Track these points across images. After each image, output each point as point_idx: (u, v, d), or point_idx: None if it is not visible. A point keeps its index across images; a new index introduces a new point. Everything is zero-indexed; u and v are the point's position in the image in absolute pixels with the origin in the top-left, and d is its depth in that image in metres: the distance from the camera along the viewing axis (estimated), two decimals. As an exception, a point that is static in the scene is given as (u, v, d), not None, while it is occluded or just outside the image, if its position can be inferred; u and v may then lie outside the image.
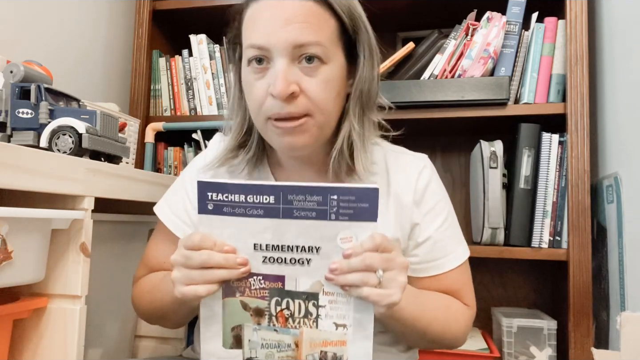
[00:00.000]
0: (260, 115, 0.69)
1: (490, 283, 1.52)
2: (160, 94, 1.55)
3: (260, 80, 0.68)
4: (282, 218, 0.57)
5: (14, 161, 0.62)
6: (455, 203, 1.54)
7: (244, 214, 0.58)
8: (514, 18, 1.29)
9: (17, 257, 0.65)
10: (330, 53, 0.68)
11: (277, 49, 0.65)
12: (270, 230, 0.58)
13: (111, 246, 1.02)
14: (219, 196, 0.58)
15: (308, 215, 0.57)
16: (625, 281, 1.06)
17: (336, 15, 0.69)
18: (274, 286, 0.60)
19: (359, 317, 0.59)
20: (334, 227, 0.57)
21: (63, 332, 0.72)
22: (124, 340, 1.10)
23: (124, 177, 0.85)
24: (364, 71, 0.72)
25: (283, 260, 0.59)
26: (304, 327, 0.60)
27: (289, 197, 0.57)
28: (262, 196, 0.57)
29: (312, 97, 0.67)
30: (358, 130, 0.72)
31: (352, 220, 0.57)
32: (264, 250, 0.59)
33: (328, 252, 0.58)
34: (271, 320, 0.60)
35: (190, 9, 1.50)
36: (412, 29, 1.54)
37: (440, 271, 0.76)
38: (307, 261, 0.58)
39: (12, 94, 0.82)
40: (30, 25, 1.24)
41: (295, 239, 0.58)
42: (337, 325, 0.59)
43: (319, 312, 0.59)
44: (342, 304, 0.59)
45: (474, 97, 1.26)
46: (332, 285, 0.58)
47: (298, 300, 0.60)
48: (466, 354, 1.22)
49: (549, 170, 1.26)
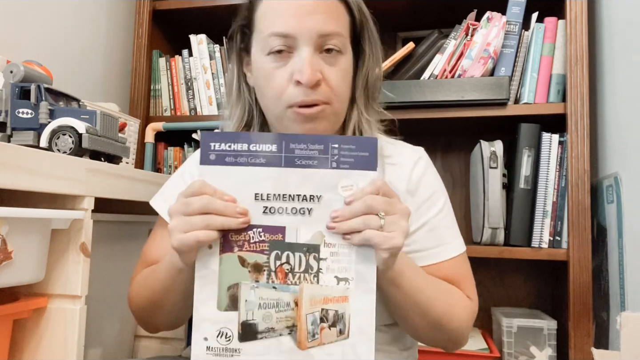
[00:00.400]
0: (280, 103, 0.70)
1: (490, 283, 1.52)
2: (160, 94, 1.55)
3: (281, 68, 0.69)
4: (284, 166, 0.58)
5: (14, 161, 0.62)
6: (455, 203, 1.55)
7: (247, 162, 0.58)
8: (514, 18, 1.29)
9: (17, 257, 0.65)
10: (346, 44, 0.72)
11: (303, 36, 0.68)
12: (272, 179, 0.58)
13: (111, 246, 1.02)
14: (221, 146, 0.58)
15: (310, 163, 0.58)
16: (625, 281, 1.06)
17: (350, 11, 0.73)
18: (274, 238, 0.58)
19: (361, 269, 0.58)
20: (335, 175, 0.58)
21: (63, 332, 0.72)
22: (124, 340, 1.10)
23: (124, 177, 0.85)
24: (370, 62, 0.76)
25: (284, 210, 0.58)
26: (305, 282, 0.58)
27: (291, 145, 0.58)
28: (264, 145, 0.58)
29: (333, 86, 0.69)
30: (367, 117, 0.76)
31: (353, 169, 0.57)
32: (265, 200, 0.58)
33: (329, 200, 0.58)
34: (270, 276, 0.58)
35: (190, 9, 1.51)
36: (412, 29, 1.55)
37: (437, 260, 0.74)
38: (308, 211, 0.58)
39: (12, 94, 0.82)
40: (30, 26, 1.24)
41: (297, 188, 0.58)
42: (338, 280, 0.58)
43: (320, 265, 0.58)
44: (344, 256, 0.58)
45: (474, 97, 1.26)
46: (334, 235, 0.58)
47: (298, 253, 0.58)
48: (466, 354, 1.22)
49: (549, 170, 1.26)
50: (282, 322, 0.58)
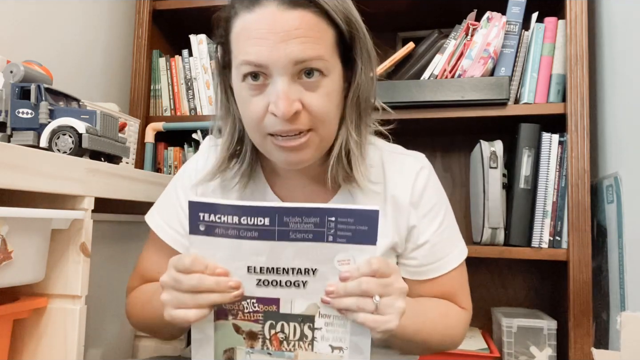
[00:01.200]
0: (259, 131, 0.66)
1: (490, 283, 1.52)
2: (160, 94, 1.55)
3: (257, 96, 0.64)
4: (278, 240, 0.55)
5: (14, 161, 0.62)
6: (455, 203, 1.55)
7: (237, 235, 0.55)
8: (514, 18, 1.29)
9: (17, 257, 0.65)
10: (330, 65, 0.65)
11: (276, 67, 0.61)
12: (265, 252, 0.56)
13: (111, 246, 1.02)
14: (211, 217, 0.55)
15: (305, 237, 0.55)
16: (625, 281, 1.06)
17: (334, 24, 0.65)
18: (268, 309, 0.58)
19: (355, 340, 0.57)
20: (331, 249, 0.55)
21: (63, 332, 0.72)
22: (124, 340, 1.10)
23: (124, 177, 0.85)
24: (362, 77, 0.69)
25: (278, 283, 0.57)
26: (299, 350, 0.58)
27: (284, 219, 0.54)
28: (256, 218, 0.55)
29: (315, 113, 0.64)
30: (355, 139, 0.70)
31: (351, 243, 0.55)
32: (258, 273, 0.57)
33: (325, 274, 0.56)
34: (265, 343, 0.59)
35: (190, 9, 1.50)
36: (412, 29, 1.54)
37: (439, 273, 0.75)
38: (303, 283, 0.57)
39: (12, 94, 0.82)
40: (30, 26, 1.24)
41: (291, 261, 0.56)
42: (333, 348, 0.58)
43: (314, 334, 0.58)
44: (339, 327, 0.58)
45: (474, 97, 1.26)
46: (329, 307, 0.57)
47: (293, 323, 0.58)
48: (466, 354, 1.22)
49: (549, 170, 1.26)
50: None
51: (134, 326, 0.81)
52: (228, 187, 0.76)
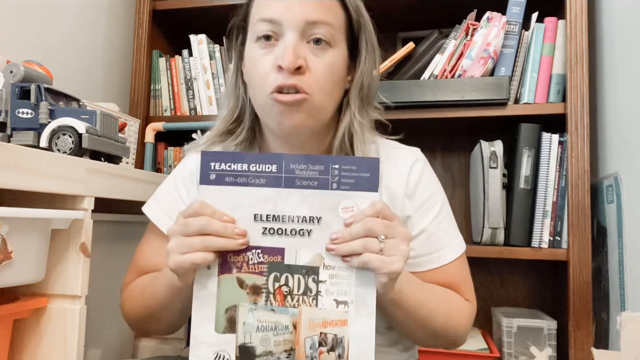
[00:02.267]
0: (263, 90, 0.69)
1: (490, 283, 1.52)
2: (160, 94, 1.55)
3: (266, 55, 0.69)
4: (284, 187, 0.57)
5: (14, 161, 0.62)
6: (455, 203, 1.55)
7: (246, 183, 0.58)
8: (514, 18, 1.29)
9: (17, 257, 0.65)
10: (337, 38, 0.70)
11: (289, 22, 0.67)
12: (272, 199, 0.57)
13: (111, 246, 1.02)
14: (221, 166, 0.58)
15: (310, 184, 0.57)
16: (625, 281, 1.06)
17: (345, 9, 0.72)
18: (273, 260, 0.58)
19: (361, 292, 0.57)
20: (335, 197, 0.57)
21: (63, 332, 0.72)
22: (124, 340, 1.10)
23: (124, 177, 0.85)
24: (366, 66, 0.74)
25: (283, 232, 0.58)
26: (303, 305, 0.57)
27: (291, 166, 0.57)
28: (264, 165, 0.57)
29: (317, 76, 0.68)
30: (359, 120, 0.74)
31: (354, 190, 0.57)
32: (264, 221, 0.58)
33: (329, 222, 0.57)
34: (268, 298, 0.58)
35: (190, 9, 1.50)
36: (412, 29, 1.55)
37: (438, 264, 0.75)
38: (307, 232, 0.58)
39: (12, 94, 0.82)
40: (30, 26, 1.24)
41: (297, 209, 0.57)
42: (337, 303, 0.57)
43: (319, 287, 0.57)
44: (343, 279, 0.57)
45: (474, 97, 1.26)
46: (333, 257, 0.57)
47: (297, 275, 0.58)
48: (466, 354, 1.22)
49: (549, 170, 1.26)
50: (280, 346, 0.58)
51: (129, 322, 0.79)
52: None
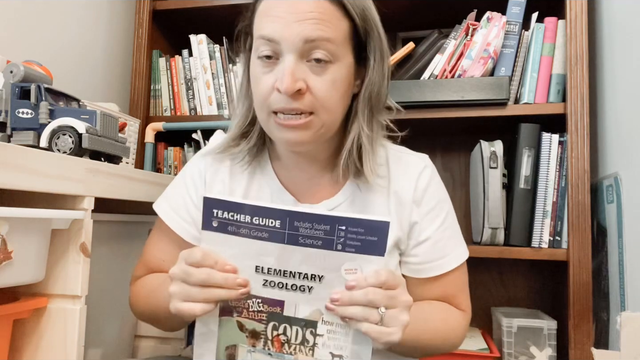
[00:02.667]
0: (264, 109, 0.69)
1: (490, 283, 1.52)
2: (160, 94, 1.55)
3: (267, 74, 0.68)
4: (287, 244, 0.56)
5: (14, 161, 0.62)
6: (455, 203, 1.53)
7: (249, 235, 0.57)
8: (514, 18, 1.29)
9: (17, 257, 0.65)
10: (339, 52, 0.68)
11: (287, 43, 0.65)
12: (274, 254, 0.57)
13: (111, 246, 1.02)
14: (224, 214, 0.57)
15: (314, 243, 0.56)
16: (625, 281, 1.06)
17: (349, 16, 0.69)
18: (273, 310, 0.59)
19: (357, 349, 0.58)
20: (339, 258, 0.56)
21: (63, 332, 0.72)
22: (124, 340, 1.10)
23: (124, 177, 0.85)
24: (374, 74, 0.72)
25: (284, 286, 0.58)
26: (300, 354, 0.59)
27: (295, 223, 0.56)
28: (268, 219, 0.56)
29: (318, 96, 0.67)
30: (367, 133, 0.72)
31: (359, 253, 0.55)
32: (266, 274, 0.58)
33: (331, 281, 0.57)
34: (266, 344, 0.59)
35: (190, 9, 1.51)
36: (412, 29, 1.55)
37: (440, 272, 0.76)
38: (308, 289, 0.57)
39: (12, 94, 0.82)
40: (30, 26, 1.24)
41: (299, 266, 0.57)
42: (333, 356, 0.58)
43: (316, 340, 0.58)
44: (341, 335, 0.58)
45: (474, 97, 1.26)
46: (332, 315, 0.57)
47: (296, 327, 0.59)
48: (466, 354, 1.22)
49: (549, 170, 1.26)
50: None
51: (135, 315, 0.82)
52: (236, 172, 0.79)
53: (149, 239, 0.84)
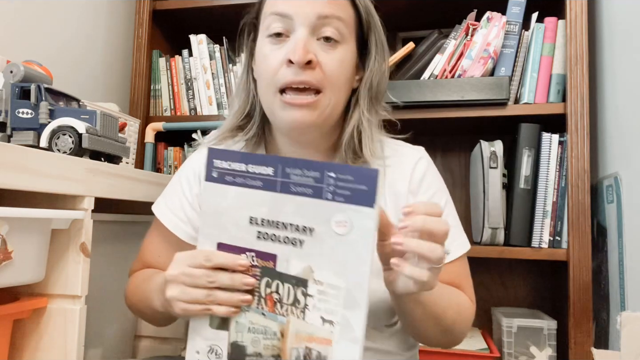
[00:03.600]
0: (271, 86, 0.69)
1: (490, 283, 1.52)
2: (160, 94, 1.55)
3: (277, 50, 0.69)
4: (280, 192, 0.56)
5: (14, 161, 0.62)
6: (455, 203, 1.53)
7: (244, 184, 0.57)
8: (514, 18, 1.29)
9: (17, 257, 0.65)
10: (347, 34, 0.71)
11: (300, 17, 0.68)
12: (267, 204, 0.56)
13: (111, 246, 1.02)
14: (223, 164, 0.58)
15: (305, 192, 0.55)
16: (625, 281, 1.06)
17: (355, 8, 0.72)
18: (266, 265, 0.57)
19: (348, 315, 0.53)
20: (329, 208, 0.54)
21: (63, 332, 0.72)
22: (124, 340, 1.10)
23: (124, 177, 0.85)
24: (374, 64, 0.75)
25: (277, 238, 0.56)
26: (292, 316, 0.56)
27: (287, 170, 0.55)
28: (262, 167, 0.56)
29: (327, 72, 0.68)
30: (368, 117, 0.74)
31: (348, 203, 0.53)
32: (259, 225, 0.57)
33: (321, 235, 0.54)
34: (260, 302, 0.58)
35: (190, 9, 1.50)
36: (412, 29, 1.54)
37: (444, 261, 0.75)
38: (299, 242, 0.56)
39: (12, 94, 0.82)
40: (30, 26, 1.24)
41: (291, 217, 0.56)
42: (324, 320, 0.55)
43: (307, 301, 0.55)
44: (331, 297, 0.54)
45: (474, 97, 1.26)
46: (323, 273, 0.54)
47: (288, 285, 0.56)
48: (466, 354, 1.22)
49: (549, 170, 1.26)
50: (268, 350, 0.57)
51: (128, 306, 0.82)
52: None
53: (147, 236, 0.85)
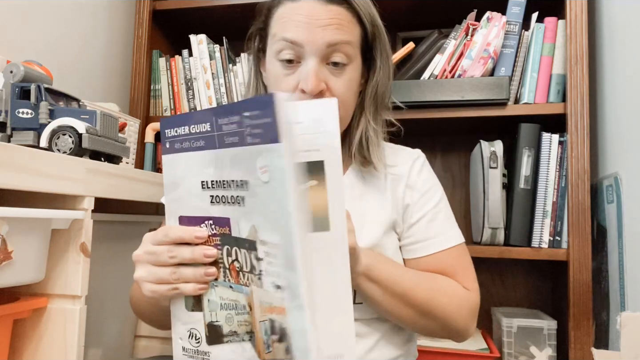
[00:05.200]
0: None
1: (490, 283, 1.52)
2: (160, 94, 1.55)
3: (289, 76, 0.73)
4: (219, 148, 0.52)
5: (14, 161, 0.62)
6: (455, 203, 1.55)
7: (190, 147, 0.55)
8: (514, 18, 1.29)
9: (17, 257, 0.65)
10: (354, 54, 0.75)
11: (311, 47, 0.71)
12: (212, 163, 0.53)
13: (111, 246, 1.02)
14: (171, 132, 0.56)
15: (234, 141, 0.50)
16: (625, 281, 1.06)
17: (361, 23, 0.76)
18: (223, 231, 0.54)
19: (290, 277, 0.47)
20: (251, 154, 0.49)
21: (63, 332, 0.72)
22: (124, 340, 1.10)
23: (124, 177, 0.85)
24: (380, 74, 0.79)
25: (226, 200, 0.53)
26: (253, 285, 0.52)
27: (219, 121, 0.51)
28: (200, 125, 0.53)
29: (338, 96, 0.72)
30: (374, 127, 0.79)
31: (263, 143, 0.47)
32: (210, 189, 0.54)
33: (254, 187, 0.49)
34: (226, 274, 0.55)
35: (190, 9, 1.50)
36: (412, 29, 1.54)
37: (435, 250, 0.77)
38: (242, 200, 0.51)
39: (12, 94, 0.82)
40: (30, 26, 1.24)
41: (229, 173, 0.52)
42: (276, 288, 0.49)
43: (260, 266, 0.50)
44: (275, 258, 0.48)
45: (474, 97, 1.26)
46: (265, 231, 0.49)
47: (243, 250, 0.52)
48: (466, 354, 1.22)
49: (549, 170, 1.26)
50: (242, 327, 0.54)
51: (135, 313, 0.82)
52: None
53: None
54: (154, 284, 0.57)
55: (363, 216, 0.77)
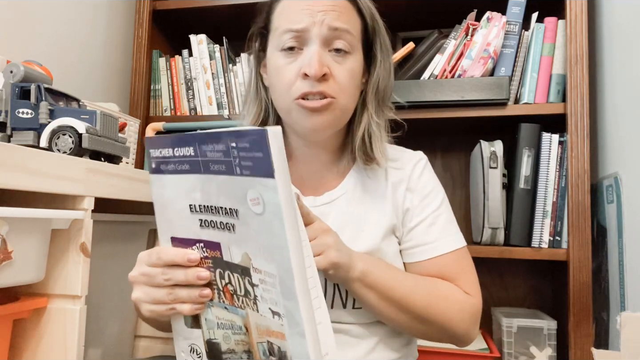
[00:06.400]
0: (288, 97, 0.73)
1: (490, 283, 1.52)
2: (160, 94, 1.55)
3: (291, 64, 0.73)
4: (204, 173, 0.51)
5: (14, 161, 0.62)
6: (455, 203, 1.55)
7: (175, 170, 0.54)
8: (514, 18, 1.29)
9: (17, 257, 0.65)
10: (355, 45, 0.75)
11: (314, 32, 0.71)
12: (198, 188, 0.52)
13: (111, 246, 1.02)
14: (156, 152, 0.55)
15: (220, 169, 0.49)
16: (625, 281, 1.06)
17: (362, 16, 0.76)
18: (215, 255, 0.54)
19: (289, 306, 0.48)
20: (241, 184, 0.48)
21: (63, 332, 0.72)
22: (124, 340, 1.10)
23: (124, 177, 0.85)
24: (381, 68, 0.78)
25: (215, 225, 0.52)
26: (248, 308, 0.52)
27: (202, 147, 0.50)
28: (184, 148, 0.52)
29: (340, 82, 0.72)
30: (377, 121, 0.79)
31: (254, 176, 0.46)
32: (199, 212, 0.53)
33: (245, 217, 0.49)
34: (220, 296, 0.55)
35: (190, 9, 1.50)
36: (412, 29, 1.54)
37: (435, 254, 0.76)
38: (232, 227, 0.51)
39: (12, 94, 0.81)
40: (30, 25, 1.24)
41: (218, 199, 0.51)
42: (272, 312, 0.50)
43: (255, 292, 0.51)
44: (271, 287, 0.49)
45: (474, 97, 1.26)
46: (259, 260, 0.49)
47: (236, 275, 0.52)
48: (466, 354, 1.22)
49: (549, 170, 1.26)
50: (239, 345, 0.55)
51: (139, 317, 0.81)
52: None
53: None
54: (151, 304, 0.58)
55: (362, 221, 0.77)
